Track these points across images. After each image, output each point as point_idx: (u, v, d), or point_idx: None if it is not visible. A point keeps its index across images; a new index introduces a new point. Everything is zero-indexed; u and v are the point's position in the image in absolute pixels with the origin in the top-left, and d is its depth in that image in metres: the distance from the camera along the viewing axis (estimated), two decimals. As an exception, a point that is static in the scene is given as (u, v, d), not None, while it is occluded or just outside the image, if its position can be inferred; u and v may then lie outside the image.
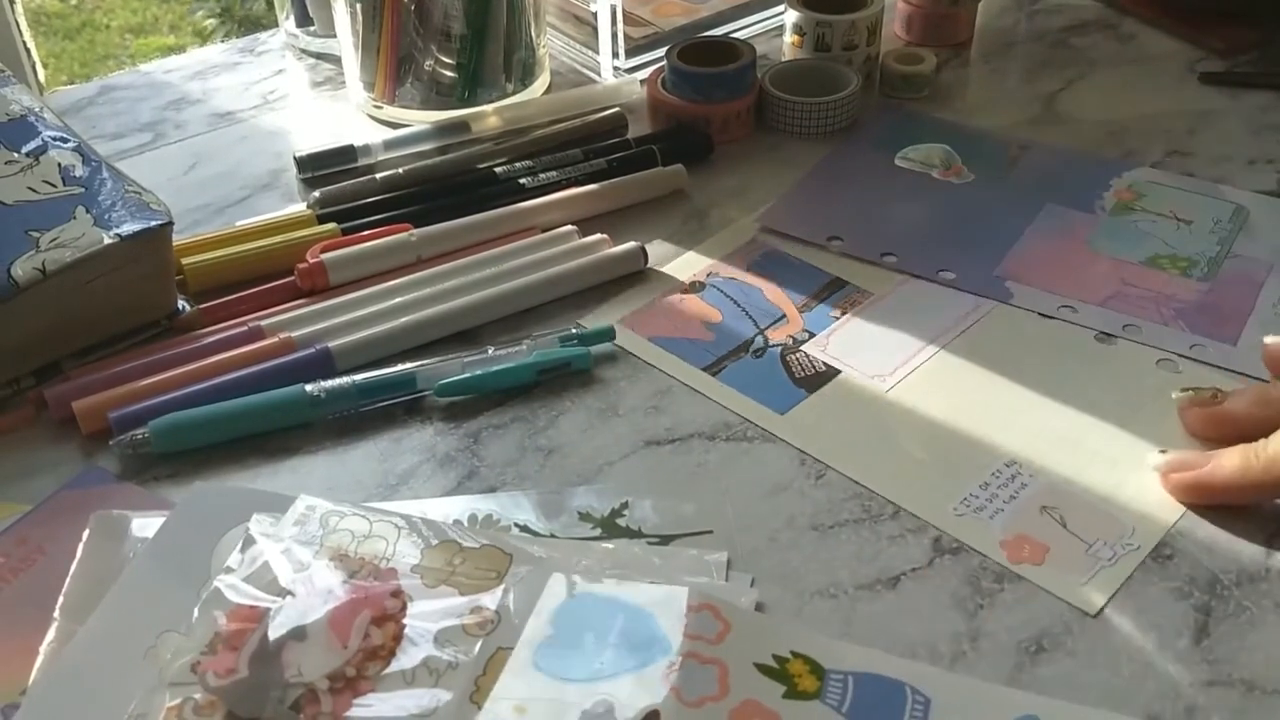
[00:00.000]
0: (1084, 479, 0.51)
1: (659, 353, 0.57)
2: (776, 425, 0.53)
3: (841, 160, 0.72)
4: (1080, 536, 0.48)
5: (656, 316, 0.59)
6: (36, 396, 0.54)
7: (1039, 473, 0.51)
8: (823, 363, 0.56)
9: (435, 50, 0.72)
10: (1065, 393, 0.55)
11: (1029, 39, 0.84)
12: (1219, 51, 0.81)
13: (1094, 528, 0.49)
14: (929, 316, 0.59)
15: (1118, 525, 0.49)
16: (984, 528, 0.49)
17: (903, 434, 0.53)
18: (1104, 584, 0.46)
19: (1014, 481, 0.51)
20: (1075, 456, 0.52)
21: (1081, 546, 0.48)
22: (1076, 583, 0.46)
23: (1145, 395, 0.55)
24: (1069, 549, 0.48)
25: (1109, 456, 0.52)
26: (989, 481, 0.51)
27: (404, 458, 0.52)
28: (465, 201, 0.66)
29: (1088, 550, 0.48)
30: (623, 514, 0.49)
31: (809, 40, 0.75)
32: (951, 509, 0.49)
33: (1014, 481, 0.51)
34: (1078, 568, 0.47)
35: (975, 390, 0.55)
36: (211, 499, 0.49)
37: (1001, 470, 0.51)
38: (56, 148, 0.59)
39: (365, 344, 0.57)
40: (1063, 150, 0.72)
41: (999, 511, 0.49)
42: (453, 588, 0.45)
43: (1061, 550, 0.48)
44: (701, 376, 0.56)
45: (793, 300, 0.60)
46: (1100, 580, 0.47)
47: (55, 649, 0.43)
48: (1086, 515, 0.49)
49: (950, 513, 0.49)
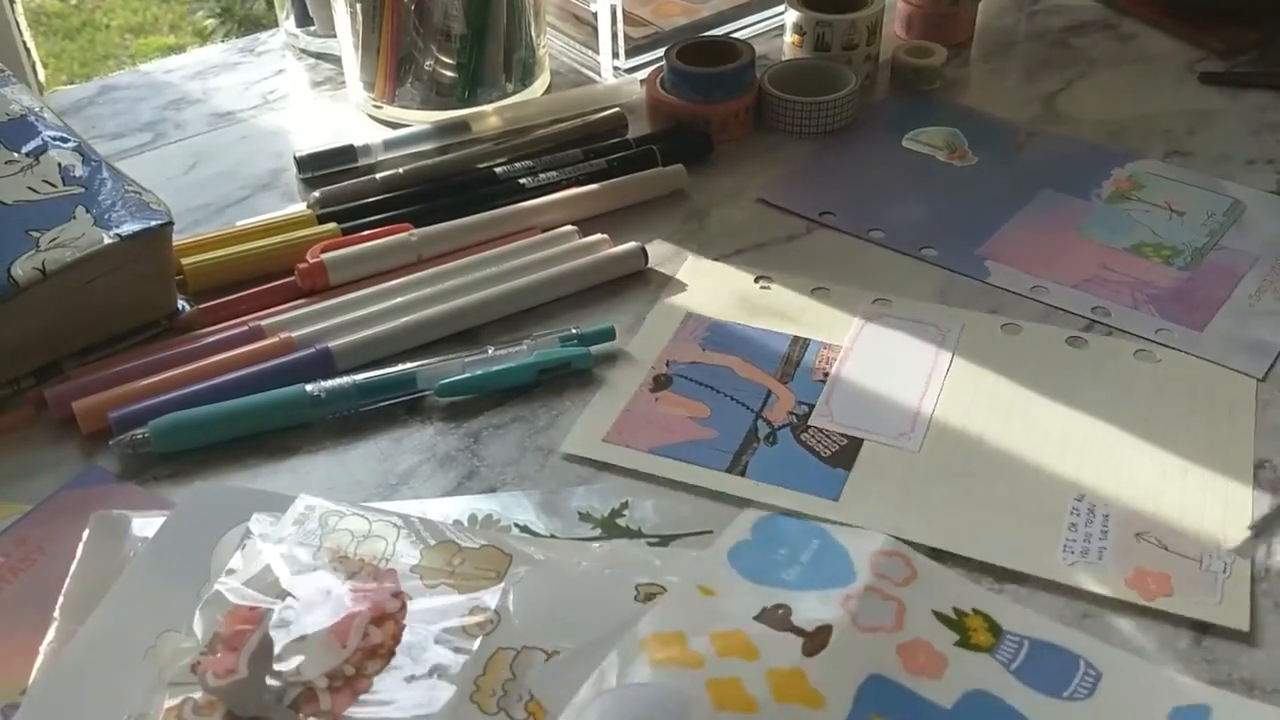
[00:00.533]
0: (1152, 495, 0.50)
1: (670, 464, 0.52)
2: (841, 513, 0.49)
3: (850, 141, 0.73)
4: (1187, 555, 0.47)
5: (642, 425, 0.54)
6: (36, 396, 0.54)
7: (1111, 500, 0.50)
8: (840, 435, 0.53)
9: (435, 50, 0.72)
10: (1075, 406, 0.54)
11: (1029, 39, 0.84)
12: (1219, 52, 0.81)
13: (1191, 542, 0.48)
14: (906, 354, 0.57)
15: (1210, 534, 0.48)
16: (1102, 571, 0.47)
17: (965, 493, 0.50)
18: (1237, 598, 0.45)
19: (1095, 515, 0.49)
20: (1130, 473, 0.51)
21: (1194, 565, 0.47)
22: (1213, 603, 0.45)
23: (1142, 390, 0.55)
24: (1186, 571, 0.47)
25: (1159, 465, 0.51)
26: (1074, 522, 0.49)
27: (404, 458, 0.52)
28: (465, 201, 0.66)
29: (1202, 567, 0.47)
30: (623, 514, 0.49)
31: (809, 40, 0.75)
32: (1061, 560, 0.47)
33: (1095, 515, 0.49)
34: (1205, 588, 0.46)
35: (995, 426, 0.53)
36: (211, 499, 0.49)
37: (1078, 507, 0.49)
38: (56, 147, 0.59)
39: (365, 344, 0.57)
40: (1069, 139, 0.73)
41: (1103, 550, 0.48)
42: (452, 588, 0.45)
43: (1182, 575, 0.46)
44: (729, 479, 0.51)
45: (767, 371, 0.56)
46: (1232, 595, 0.46)
47: (55, 649, 0.43)
48: (1178, 531, 0.48)
49: (1062, 564, 0.47)
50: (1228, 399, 0.54)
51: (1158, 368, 0.56)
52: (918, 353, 0.57)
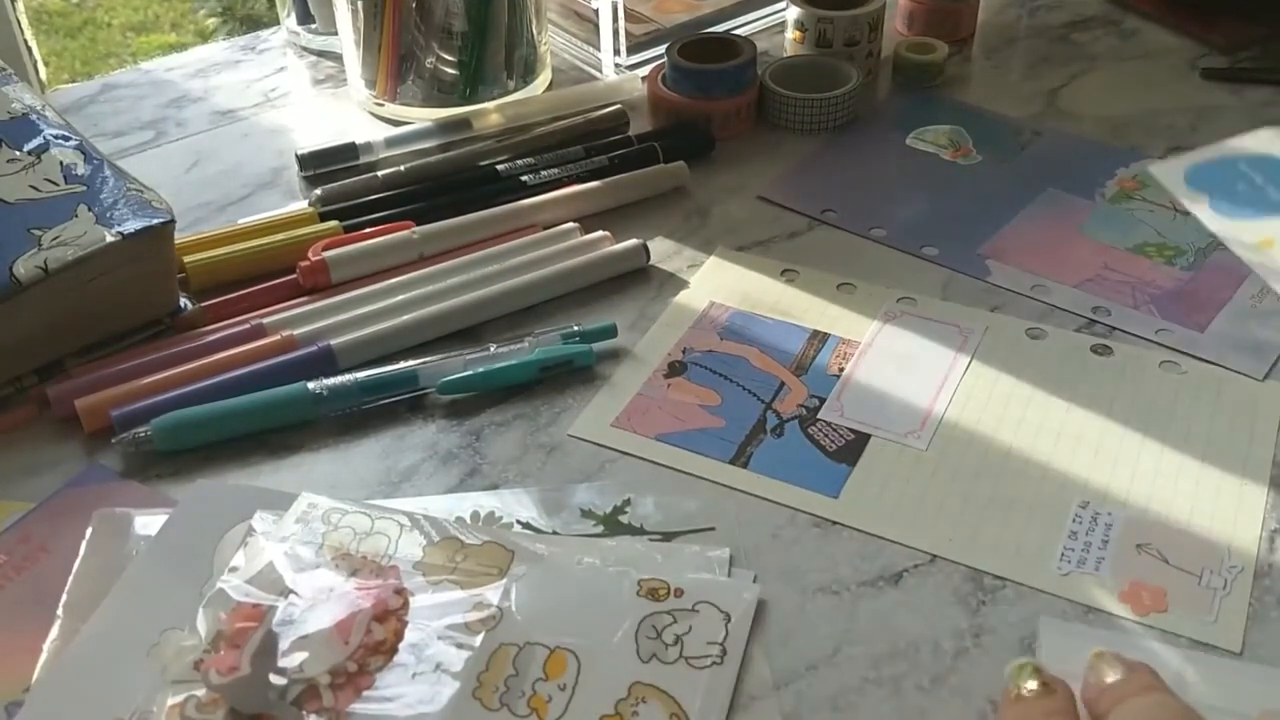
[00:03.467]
0: (1158, 504, 0.49)
1: (674, 452, 0.52)
2: (838, 512, 0.49)
3: (852, 138, 0.73)
4: (1187, 570, 0.46)
5: (652, 410, 0.54)
6: (39, 394, 0.54)
7: (1116, 508, 0.49)
8: (848, 429, 0.53)
9: (437, 47, 0.72)
10: (1090, 413, 0.53)
11: (1031, 34, 0.84)
12: (1221, 47, 0.80)
13: (1193, 556, 0.47)
14: (925, 354, 0.57)
15: (1214, 549, 0.47)
16: (1098, 582, 0.46)
17: (967, 495, 0.50)
18: (1232, 617, 0.45)
19: (1098, 524, 0.48)
20: (1137, 481, 0.50)
21: (1192, 580, 0.46)
22: (1208, 622, 0.44)
23: (1162, 402, 0.54)
24: (1184, 587, 0.46)
25: (1167, 474, 0.50)
26: (1075, 530, 0.48)
27: (406, 455, 0.52)
28: (467, 199, 0.66)
29: (1200, 583, 0.46)
30: (625, 511, 0.49)
31: (810, 36, 0.75)
32: (1056, 569, 0.47)
33: (1098, 524, 0.48)
34: (1201, 605, 0.45)
35: (1005, 430, 0.53)
36: (213, 497, 0.49)
37: (1080, 515, 0.49)
38: (58, 146, 0.59)
39: (367, 341, 0.57)
40: (1074, 138, 0.73)
41: (1100, 560, 0.47)
42: (454, 584, 0.45)
43: (1179, 591, 0.46)
44: (731, 471, 0.51)
45: (782, 364, 0.56)
46: (1227, 614, 0.45)
47: (59, 647, 0.43)
48: (1181, 544, 0.47)
49: (1056, 574, 0.47)
50: (1249, 411, 0.53)
51: (1182, 379, 0.55)
52: (936, 353, 0.57)
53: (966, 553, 0.47)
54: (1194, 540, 0.48)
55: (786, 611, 0.45)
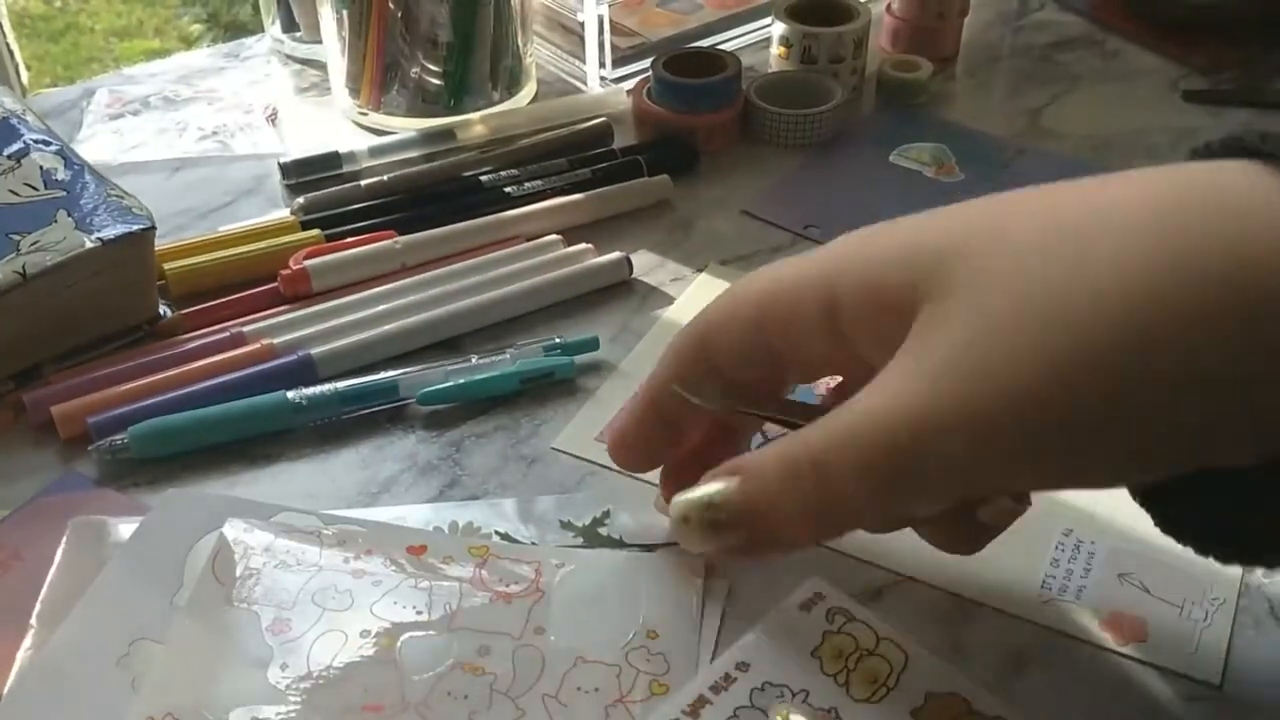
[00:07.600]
0: (1139, 533, 0.48)
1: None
2: None
3: (836, 155, 0.73)
4: (1168, 600, 0.46)
5: None
6: (15, 401, 0.54)
7: (1098, 536, 0.49)
8: None
9: (421, 58, 0.72)
10: None
11: (1014, 54, 0.84)
12: (1202, 69, 0.81)
13: (1175, 588, 0.46)
14: None
15: (1196, 581, 0.47)
16: (1078, 611, 0.46)
17: None
18: (1212, 650, 0.44)
19: (1081, 551, 0.48)
20: (1121, 510, 0.48)
21: (1174, 611, 0.46)
22: (1187, 653, 0.44)
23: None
24: (1164, 618, 0.45)
25: None
26: (1057, 558, 0.48)
27: (386, 465, 0.52)
28: (450, 209, 0.66)
29: (1181, 614, 0.46)
30: (604, 523, 0.49)
31: (795, 52, 0.76)
32: (1036, 596, 0.46)
33: (1081, 551, 0.48)
34: (1181, 636, 0.45)
35: None
36: (185, 505, 0.49)
37: (1063, 542, 0.48)
38: (38, 150, 0.58)
39: (348, 351, 0.56)
40: (1057, 157, 0.73)
41: (1082, 589, 0.47)
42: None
43: (1158, 621, 0.45)
44: None
45: None
46: (1207, 647, 0.44)
47: (31, 657, 0.43)
48: (1164, 575, 0.47)
49: (1037, 600, 0.46)
50: None
51: None
52: None
53: (944, 576, 0.47)
54: (1176, 572, 0.47)
55: (766, 627, 0.45)
